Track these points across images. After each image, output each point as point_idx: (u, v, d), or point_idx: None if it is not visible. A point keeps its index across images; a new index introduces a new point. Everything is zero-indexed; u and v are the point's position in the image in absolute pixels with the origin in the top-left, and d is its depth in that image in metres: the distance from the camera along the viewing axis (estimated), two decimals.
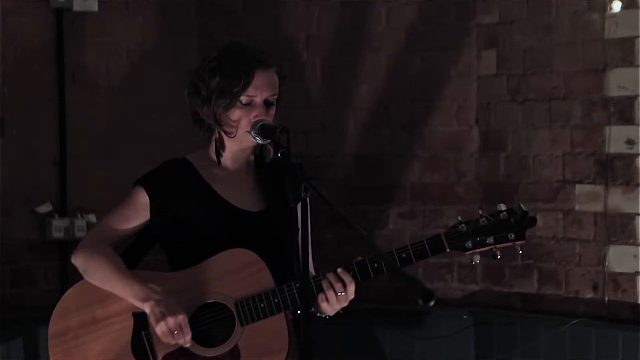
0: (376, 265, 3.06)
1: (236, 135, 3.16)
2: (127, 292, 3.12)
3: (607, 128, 5.09)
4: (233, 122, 3.15)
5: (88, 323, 3.16)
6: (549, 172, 5.31)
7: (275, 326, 3.07)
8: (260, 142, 3.08)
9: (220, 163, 3.23)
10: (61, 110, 5.58)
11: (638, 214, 5.01)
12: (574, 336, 5.08)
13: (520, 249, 3.11)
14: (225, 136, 3.20)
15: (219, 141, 3.22)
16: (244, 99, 3.14)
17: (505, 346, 5.32)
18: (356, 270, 3.07)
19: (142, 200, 3.21)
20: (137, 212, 3.21)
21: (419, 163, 5.66)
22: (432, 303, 2.59)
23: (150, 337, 3.12)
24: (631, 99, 5.02)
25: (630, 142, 5.02)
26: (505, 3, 5.41)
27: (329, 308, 3.09)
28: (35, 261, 5.54)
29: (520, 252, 3.12)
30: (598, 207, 5.13)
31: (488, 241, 3.08)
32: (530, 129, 5.36)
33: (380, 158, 5.71)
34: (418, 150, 5.66)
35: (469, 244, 3.08)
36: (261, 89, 3.14)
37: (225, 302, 3.09)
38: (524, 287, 5.40)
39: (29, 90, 5.52)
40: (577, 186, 5.21)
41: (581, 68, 5.18)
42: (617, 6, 5.02)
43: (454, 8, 5.54)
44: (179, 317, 3.04)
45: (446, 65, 5.58)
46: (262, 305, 3.07)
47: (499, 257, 3.10)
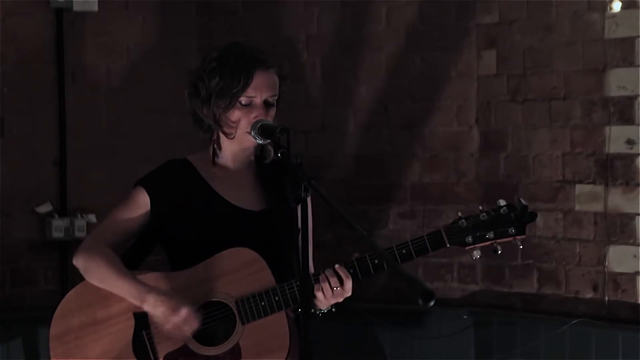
0: (376, 262, 3.06)
1: (235, 136, 3.16)
2: (126, 292, 3.13)
3: (607, 128, 5.09)
4: (232, 122, 3.15)
5: (89, 324, 3.16)
6: (549, 172, 5.30)
7: (276, 324, 3.08)
8: (260, 142, 3.08)
9: (215, 164, 3.23)
10: (61, 110, 5.58)
11: (638, 214, 5.00)
12: (574, 336, 5.08)
13: (520, 243, 3.10)
14: (224, 137, 3.20)
15: (217, 142, 3.22)
16: (243, 99, 3.13)
17: (505, 346, 5.32)
18: (357, 266, 3.07)
19: (143, 200, 3.21)
20: (138, 212, 3.21)
21: (419, 163, 5.66)
22: (432, 303, 2.58)
23: (151, 336, 3.12)
24: (631, 99, 5.02)
25: (630, 142, 5.02)
26: (505, 3, 5.41)
27: (323, 301, 3.08)
28: (35, 261, 5.53)
29: (521, 247, 3.11)
30: (598, 207, 5.13)
31: (488, 236, 3.08)
32: (530, 129, 5.36)
33: (380, 158, 5.71)
34: (418, 150, 5.66)
35: (469, 239, 3.07)
36: (261, 89, 3.14)
37: (226, 301, 3.09)
38: (524, 287, 5.40)
39: (29, 90, 5.52)
40: (577, 186, 5.21)
41: (581, 68, 5.17)
42: (617, 6, 5.02)
43: (454, 8, 5.54)
44: (182, 312, 3.04)
45: (446, 65, 5.58)
46: (263, 303, 3.07)
47: (499, 252, 3.09)
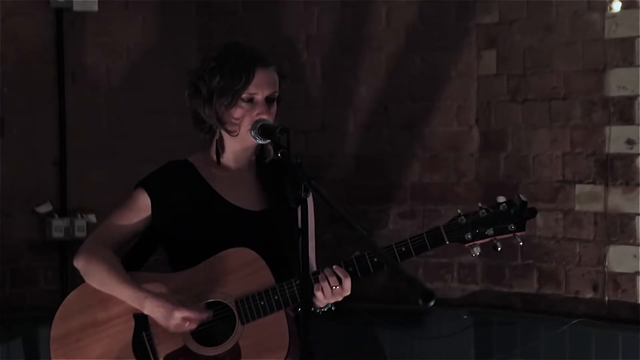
0: (376, 260, 3.06)
1: (239, 133, 3.16)
2: (124, 295, 3.13)
3: (607, 128, 5.09)
4: (235, 120, 3.15)
5: (89, 325, 3.16)
6: (549, 172, 5.30)
7: (276, 324, 3.08)
8: (261, 142, 3.08)
9: (220, 164, 3.23)
10: (61, 110, 5.57)
11: (638, 214, 5.00)
12: (574, 336, 5.07)
13: (520, 240, 3.09)
14: (227, 136, 3.20)
15: (220, 142, 3.22)
16: (245, 97, 3.14)
17: (505, 346, 5.32)
18: (356, 265, 3.07)
19: (144, 202, 3.21)
20: (139, 213, 3.21)
21: (419, 163, 5.66)
22: (432, 303, 2.58)
23: (151, 337, 3.13)
24: (631, 99, 5.02)
25: (630, 142, 5.02)
26: (505, 3, 5.41)
27: (323, 300, 3.08)
28: (35, 261, 5.53)
29: (521, 244, 3.09)
30: (598, 207, 5.13)
31: (487, 233, 3.06)
32: (530, 129, 5.36)
33: (380, 158, 5.71)
34: (418, 150, 5.65)
35: (469, 236, 3.06)
36: (262, 86, 3.14)
37: (225, 301, 3.09)
38: (524, 287, 5.40)
39: (29, 90, 5.52)
40: (577, 186, 5.21)
41: (581, 68, 5.17)
42: (617, 6, 5.02)
43: (454, 8, 5.54)
44: (175, 314, 3.04)
45: (446, 65, 5.58)
46: (262, 303, 3.07)
47: (499, 249, 3.08)
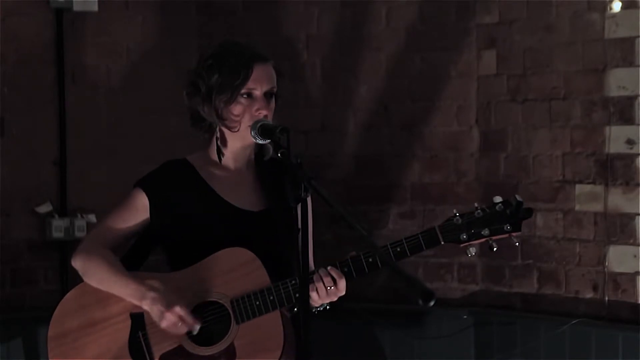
0: (370, 260, 3.06)
1: (240, 129, 3.16)
2: (124, 291, 3.13)
3: (607, 128, 5.09)
4: (235, 116, 3.15)
5: (87, 325, 3.16)
6: (549, 172, 5.30)
7: (271, 324, 3.08)
8: (261, 142, 3.08)
9: (221, 162, 3.23)
10: (61, 110, 5.57)
11: (638, 214, 5.00)
12: (574, 336, 5.07)
13: (516, 240, 3.08)
14: (227, 134, 3.20)
15: (221, 140, 3.22)
16: (244, 92, 3.15)
17: (505, 346, 5.32)
18: (351, 265, 3.07)
19: (142, 202, 3.21)
20: (137, 213, 3.21)
21: (419, 163, 5.66)
22: (432, 303, 2.58)
23: (147, 337, 3.13)
24: (631, 99, 5.02)
25: (630, 142, 5.02)
26: (505, 3, 5.41)
27: (318, 301, 3.07)
28: (35, 261, 5.53)
29: (517, 244, 3.09)
30: (598, 207, 5.13)
31: (483, 233, 3.05)
32: (530, 129, 5.36)
33: (380, 158, 5.71)
34: (418, 150, 5.65)
35: (464, 236, 3.05)
36: (261, 81, 3.15)
37: (221, 301, 3.09)
38: (524, 287, 5.40)
39: (29, 90, 5.52)
40: (577, 186, 5.21)
41: (581, 68, 5.17)
42: (617, 6, 5.02)
43: (454, 8, 5.54)
44: (176, 309, 3.05)
45: (446, 65, 5.58)
46: (258, 303, 3.07)
47: (495, 249, 3.07)
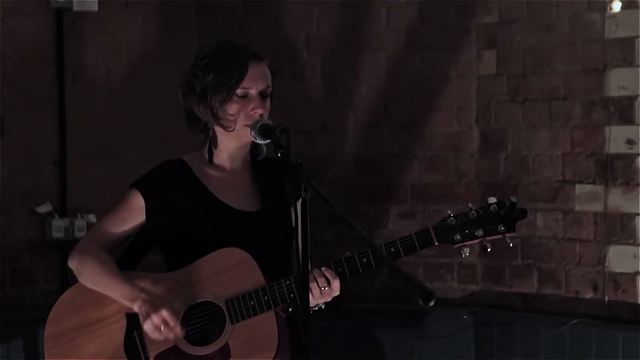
0: (365, 261, 3.06)
1: (235, 129, 3.16)
2: (117, 293, 3.14)
3: (607, 128, 5.09)
4: (231, 116, 3.15)
5: (83, 325, 3.17)
6: (549, 172, 5.30)
7: (265, 324, 3.07)
8: (261, 142, 3.08)
9: (212, 162, 3.23)
10: (61, 110, 5.57)
11: (638, 214, 5.00)
12: (574, 336, 5.08)
13: (510, 241, 3.08)
14: (222, 134, 3.20)
15: (214, 140, 3.22)
16: (239, 92, 3.14)
17: (505, 346, 5.32)
18: (345, 265, 3.07)
19: (138, 203, 3.21)
20: (133, 214, 3.22)
21: (419, 163, 5.66)
22: (432, 303, 2.58)
23: (142, 337, 3.13)
24: (631, 99, 5.02)
25: (630, 142, 5.02)
26: (505, 3, 5.41)
27: (312, 301, 3.06)
28: (35, 261, 5.53)
29: (511, 245, 3.08)
30: (598, 207, 5.13)
31: (477, 233, 3.05)
32: (530, 129, 5.36)
33: (380, 158, 5.71)
34: (418, 150, 5.66)
35: (458, 237, 3.05)
36: (256, 80, 3.15)
37: (216, 301, 3.09)
38: (524, 287, 5.40)
39: (29, 90, 5.52)
40: (577, 186, 5.21)
41: (581, 68, 5.17)
42: (617, 6, 5.02)
43: (454, 8, 5.54)
44: (162, 313, 3.05)
45: (446, 65, 5.58)
46: (252, 303, 3.07)
47: (489, 250, 3.07)
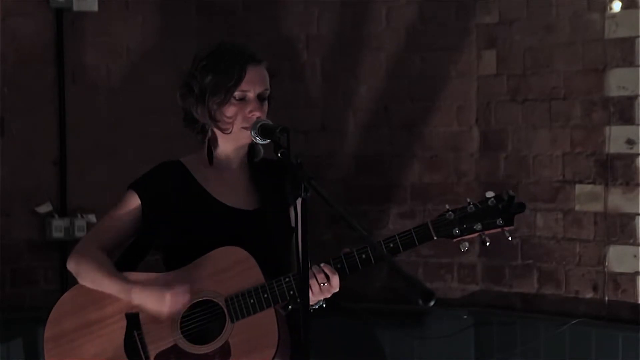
0: (364, 257, 3.06)
1: (232, 131, 3.16)
2: (115, 290, 3.15)
3: (607, 128, 5.09)
4: (228, 118, 3.16)
5: (82, 326, 3.17)
6: (549, 172, 5.30)
7: (265, 322, 3.08)
8: (261, 142, 3.09)
9: (212, 164, 3.24)
10: (61, 110, 5.57)
11: (638, 214, 5.00)
12: (574, 336, 5.08)
13: (509, 235, 3.08)
14: (219, 136, 3.21)
15: (212, 141, 3.22)
16: (237, 94, 3.15)
17: (505, 346, 5.32)
18: (344, 262, 3.07)
19: (135, 204, 3.22)
20: (130, 216, 3.23)
21: (419, 163, 5.66)
22: (432, 303, 2.58)
23: (142, 337, 3.13)
24: (631, 99, 5.02)
25: (630, 142, 5.02)
26: (505, 3, 5.41)
27: (312, 298, 3.06)
28: (35, 261, 5.53)
29: (510, 239, 3.09)
30: (598, 207, 5.13)
31: (476, 227, 3.06)
32: (530, 129, 5.36)
33: (380, 158, 5.71)
34: (418, 150, 5.66)
35: (457, 231, 3.06)
36: (254, 83, 3.15)
37: (215, 300, 3.10)
38: (524, 287, 5.40)
39: (29, 90, 5.52)
40: (577, 186, 5.21)
41: (581, 68, 5.17)
42: (617, 6, 5.02)
43: (454, 8, 5.54)
44: (172, 290, 3.06)
45: (446, 65, 5.58)
46: (252, 301, 3.07)
47: (487, 244, 3.07)
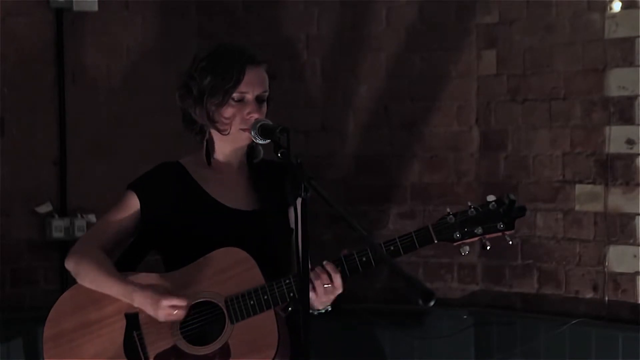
0: (364, 259, 3.06)
1: (230, 132, 3.16)
2: (113, 290, 3.14)
3: (607, 128, 5.09)
4: (226, 119, 3.15)
5: (82, 326, 3.17)
6: (549, 172, 5.31)
7: (265, 323, 3.07)
8: (261, 142, 3.08)
9: (210, 164, 3.23)
10: (61, 110, 5.57)
11: (638, 214, 5.01)
12: (574, 336, 5.08)
13: (510, 239, 3.07)
14: (217, 137, 3.20)
15: (210, 142, 3.22)
16: (236, 96, 3.14)
17: (505, 346, 5.32)
18: (344, 264, 3.07)
19: (133, 204, 3.22)
20: (129, 216, 3.22)
21: (419, 163, 5.66)
22: (432, 303, 2.58)
23: (142, 337, 3.13)
24: (631, 99, 5.02)
25: (630, 142, 5.02)
26: (505, 3, 5.42)
27: (317, 300, 3.07)
28: (35, 261, 5.53)
29: (510, 243, 3.08)
30: (598, 207, 5.13)
31: (476, 231, 3.05)
32: (530, 129, 5.36)
33: (380, 158, 5.71)
34: (418, 150, 5.66)
35: (457, 234, 3.05)
36: (252, 85, 3.15)
37: (215, 301, 3.10)
38: (524, 287, 5.40)
39: (29, 90, 5.52)
40: (577, 186, 5.21)
41: (581, 68, 5.18)
42: (617, 6, 5.02)
43: (454, 8, 5.54)
44: (168, 297, 3.05)
45: (446, 65, 5.58)
46: (252, 302, 3.07)
47: (488, 248, 3.06)
